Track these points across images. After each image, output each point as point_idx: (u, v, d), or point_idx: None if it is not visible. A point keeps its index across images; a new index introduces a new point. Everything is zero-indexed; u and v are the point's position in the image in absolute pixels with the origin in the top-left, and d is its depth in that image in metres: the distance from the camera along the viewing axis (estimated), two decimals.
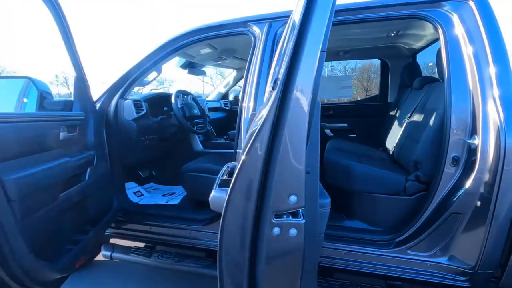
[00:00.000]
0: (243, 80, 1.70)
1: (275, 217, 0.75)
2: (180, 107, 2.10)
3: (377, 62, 3.08)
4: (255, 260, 0.78)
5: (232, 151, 2.47)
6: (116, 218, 1.85)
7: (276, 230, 0.74)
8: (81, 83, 1.57)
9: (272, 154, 0.73)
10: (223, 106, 3.43)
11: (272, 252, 0.77)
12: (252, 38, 1.68)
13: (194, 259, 1.82)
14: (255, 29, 1.68)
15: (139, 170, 2.41)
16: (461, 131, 1.22)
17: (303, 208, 0.74)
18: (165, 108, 2.13)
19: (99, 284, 1.94)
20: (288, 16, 1.46)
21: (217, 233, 0.79)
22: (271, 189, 0.73)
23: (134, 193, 2.26)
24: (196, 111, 2.22)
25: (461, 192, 1.20)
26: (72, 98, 1.58)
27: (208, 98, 3.48)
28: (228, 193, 0.75)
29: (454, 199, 1.22)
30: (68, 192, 1.28)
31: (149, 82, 1.99)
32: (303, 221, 0.73)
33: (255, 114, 1.54)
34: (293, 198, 0.73)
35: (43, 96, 1.46)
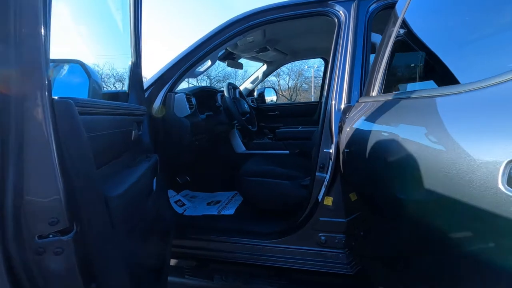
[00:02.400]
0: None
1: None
2: (233, 101, 1.83)
3: None
4: None
5: (286, 151, 2.23)
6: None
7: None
8: (138, 70, 1.27)
9: None
10: (250, 103, 3.16)
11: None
12: (336, 20, 1.44)
13: (264, 279, 1.56)
14: (339, 9, 1.44)
15: (177, 176, 2.11)
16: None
17: None
18: (218, 103, 1.85)
19: None
20: None
21: (290, 248, 0.56)
22: None
23: (175, 202, 1.96)
24: (246, 106, 1.96)
25: None
26: (126, 89, 1.28)
27: None
28: None
29: None
30: (146, 208, 0.98)
31: (201, 73, 1.70)
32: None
33: (350, 108, 1.30)
34: None
35: (94, 86, 1.15)
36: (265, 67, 3.01)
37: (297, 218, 1.48)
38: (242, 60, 2.65)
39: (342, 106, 1.34)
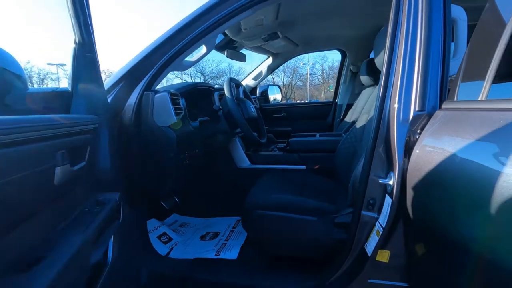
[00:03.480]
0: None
1: None
2: (237, 103, 1.34)
3: None
4: None
5: (301, 166, 1.75)
6: None
7: None
8: (91, 56, 0.78)
9: None
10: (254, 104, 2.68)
11: None
12: None
13: None
14: None
15: (162, 200, 1.62)
16: None
17: None
18: (216, 105, 1.35)
19: None
20: None
21: None
22: None
23: (159, 237, 1.47)
24: (253, 110, 1.47)
25: None
26: (68, 87, 0.78)
27: None
28: None
29: None
30: None
31: (193, 64, 1.21)
32: None
33: (425, 118, 0.86)
34: None
35: (10, 82, 0.66)
36: (270, 60, 2.53)
37: (330, 274, 1.03)
38: (244, 52, 2.17)
39: (411, 115, 0.87)
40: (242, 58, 2.01)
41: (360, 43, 2.33)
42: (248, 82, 2.66)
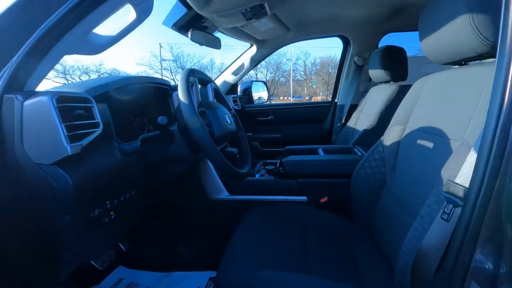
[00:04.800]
0: None
1: None
2: (200, 112, 0.79)
3: None
4: None
5: (302, 198, 1.20)
6: None
7: None
8: None
9: None
10: (232, 105, 2.13)
11: None
12: None
13: None
14: None
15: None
16: None
17: None
18: (161, 119, 0.79)
19: None
20: None
21: None
22: None
23: None
24: (229, 122, 0.92)
25: None
26: None
27: None
28: None
29: None
30: None
31: (112, 40, 0.65)
32: None
33: None
34: None
35: None
36: (254, 49, 1.99)
37: None
38: (219, 37, 1.61)
39: None
40: (215, 43, 1.46)
41: (368, 28, 1.84)
42: (226, 77, 2.10)
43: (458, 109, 0.68)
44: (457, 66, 0.82)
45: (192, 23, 1.25)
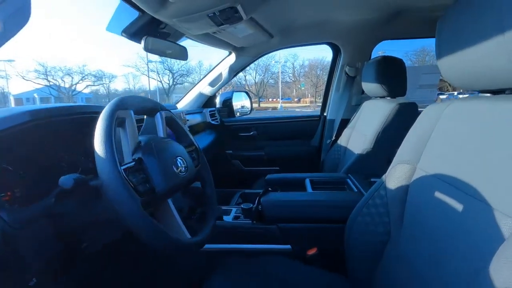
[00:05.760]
0: None
1: None
2: (135, 160, 0.55)
3: None
4: None
5: (285, 247, 0.92)
6: None
7: None
8: None
9: None
10: (209, 120, 1.88)
11: None
12: None
13: None
14: None
15: None
16: None
17: None
18: (64, 184, 0.54)
19: None
20: None
21: None
22: None
23: None
24: (182, 167, 0.67)
25: None
26: None
27: (179, 106, 1.89)
28: None
29: None
30: None
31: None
32: None
33: None
34: None
35: None
36: (233, 57, 1.75)
37: None
38: (187, 45, 1.37)
39: None
40: (180, 54, 1.20)
41: (360, 35, 1.63)
42: (202, 89, 1.86)
43: (503, 160, 0.46)
44: (488, 95, 0.60)
45: (147, 29, 1.00)
